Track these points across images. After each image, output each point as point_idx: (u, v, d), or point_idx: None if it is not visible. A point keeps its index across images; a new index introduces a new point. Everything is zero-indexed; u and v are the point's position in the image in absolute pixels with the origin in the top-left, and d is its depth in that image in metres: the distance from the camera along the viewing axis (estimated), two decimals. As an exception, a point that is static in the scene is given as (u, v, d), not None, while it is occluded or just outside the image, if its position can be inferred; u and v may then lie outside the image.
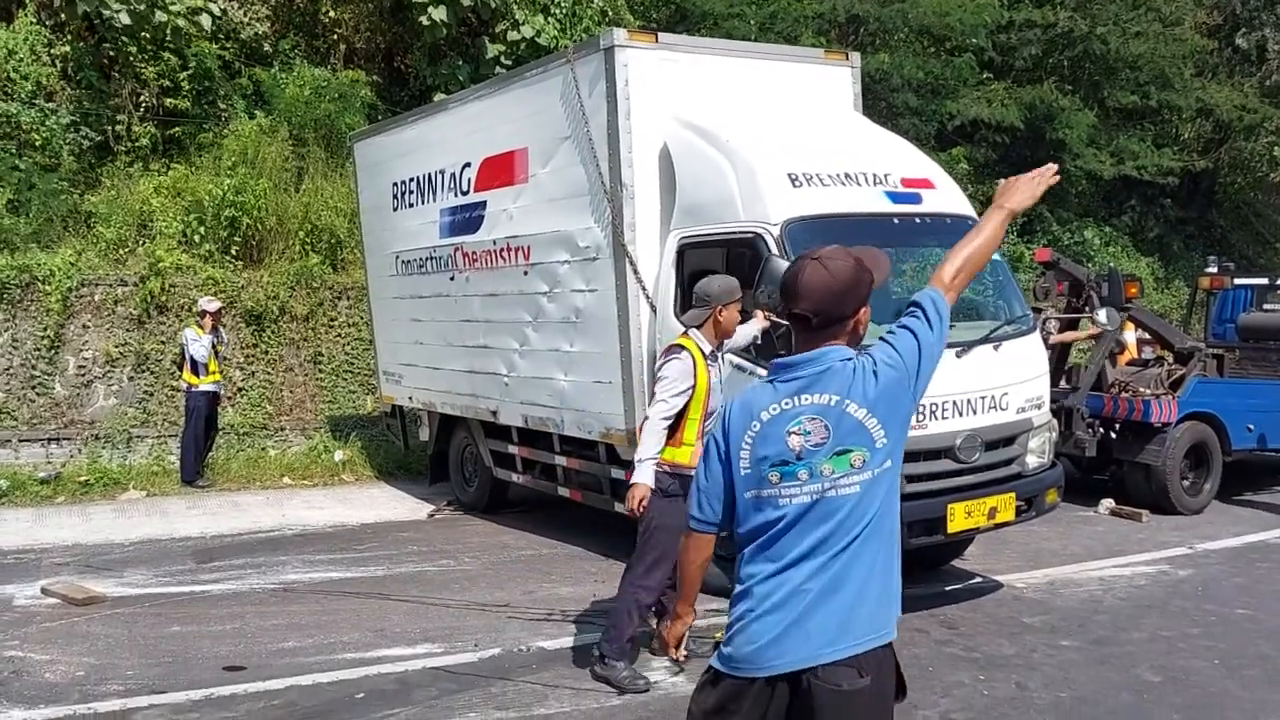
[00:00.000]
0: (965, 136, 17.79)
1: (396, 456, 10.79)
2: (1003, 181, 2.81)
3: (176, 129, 13.05)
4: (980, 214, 7.36)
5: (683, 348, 4.99)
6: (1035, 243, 16.96)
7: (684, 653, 2.89)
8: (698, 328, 5.07)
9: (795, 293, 2.50)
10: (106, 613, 6.21)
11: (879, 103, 15.62)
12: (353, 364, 11.98)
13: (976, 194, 17.44)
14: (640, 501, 4.90)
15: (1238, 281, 11.55)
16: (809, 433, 2.44)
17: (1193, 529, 8.52)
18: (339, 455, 10.67)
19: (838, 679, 2.35)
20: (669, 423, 4.91)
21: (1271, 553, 7.86)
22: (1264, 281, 11.50)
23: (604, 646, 5.01)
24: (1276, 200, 24.76)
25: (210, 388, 10.06)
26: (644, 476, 4.90)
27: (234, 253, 11.85)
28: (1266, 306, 11.18)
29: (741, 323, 5.30)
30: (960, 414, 5.92)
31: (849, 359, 2.48)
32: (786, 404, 2.47)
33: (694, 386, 4.90)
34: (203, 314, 10.16)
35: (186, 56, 12.85)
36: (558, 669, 5.17)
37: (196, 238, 11.66)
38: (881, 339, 2.55)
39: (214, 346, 10.09)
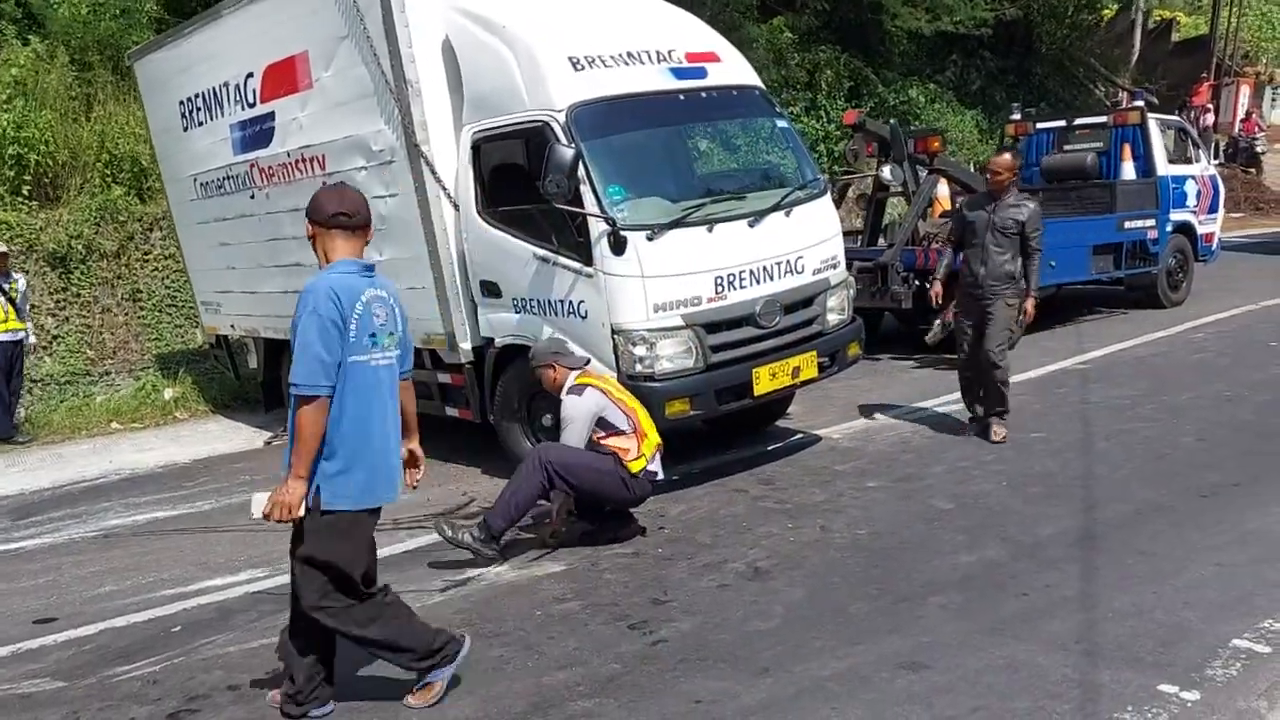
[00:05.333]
0: (786, 4, 17.80)
1: (231, 388, 10.48)
2: None
3: (-61, 63, 11.93)
4: (789, 87, 7.36)
5: None
6: (863, 105, 17.28)
7: None
8: None
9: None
10: (-90, 584, 5.94)
11: (695, -24, 15.39)
12: (175, 297, 11.47)
13: (803, 62, 17.67)
14: None
15: (1040, 126, 12.07)
16: (379, 315, 3.51)
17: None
18: (168, 393, 10.30)
19: None
20: None
21: (1069, 379, 8.47)
22: (1062, 124, 12.02)
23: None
24: (1091, 44, 25.78)
25: (3, 336, 9.29)
26: None
27: (25, 193, 11.06)
28: (1066, 148, 11.73)
29: None
30: (758, 281, 6.09)
31: None
32: None
33: None
34: None
35: (-64, -19, 11.67)
36: (384, 576, 5.20)
37: (-20, 180, 10.83)
38: None
39: (7, 295, 9.28)
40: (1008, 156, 6.72)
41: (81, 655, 4.50)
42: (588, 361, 5.66)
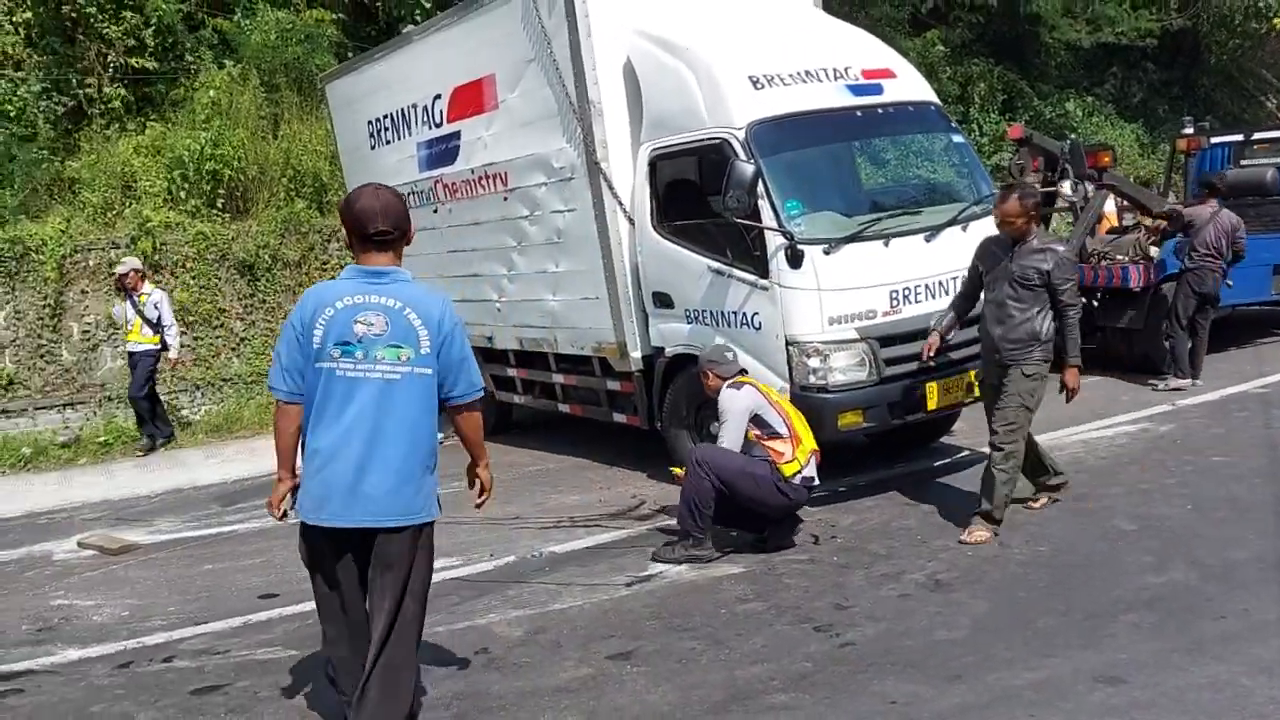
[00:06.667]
0: (939, 18, 17.59)
1: (403, 390, 11.04)
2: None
3: (148, 87, 13.04)
4: (943, 100, 7.40)
5: None
6: (1017, 119, 16.91)
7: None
8: None
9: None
10: (141, 559, 6.58)
11: (848, -9, 15.43)
12: (350, 305, 12.16)
13: (955, 75, 17.43)
14: None
15: (1214, 140, 11.58)
16: (372, 324, 3.24)
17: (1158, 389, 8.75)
18: (346, 395, 10.93)
19: None
20: None
21: (1249, 402, 8.14)
22: (1239, 138, 11.52)
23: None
24: (1262, 54, 24.43)
25: (129, 346, 9.71)
26: None
27: (220, 205, 11.98)
28: (1244, 162, 11.24)
29: None
30: (933, 296, 6.13)
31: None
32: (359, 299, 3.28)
33: None
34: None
35: (147, 12, 12.75)
36: (569, 569, 5.51)
37: (182, 194, 11.77)
38: None
39: (136, 309, 9.57)
40: (1015, 201, 5.39)
41: (305, 628, 4.91)
42: (743, 372, 5.81)
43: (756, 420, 5.44)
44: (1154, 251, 9.26)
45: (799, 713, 3.74)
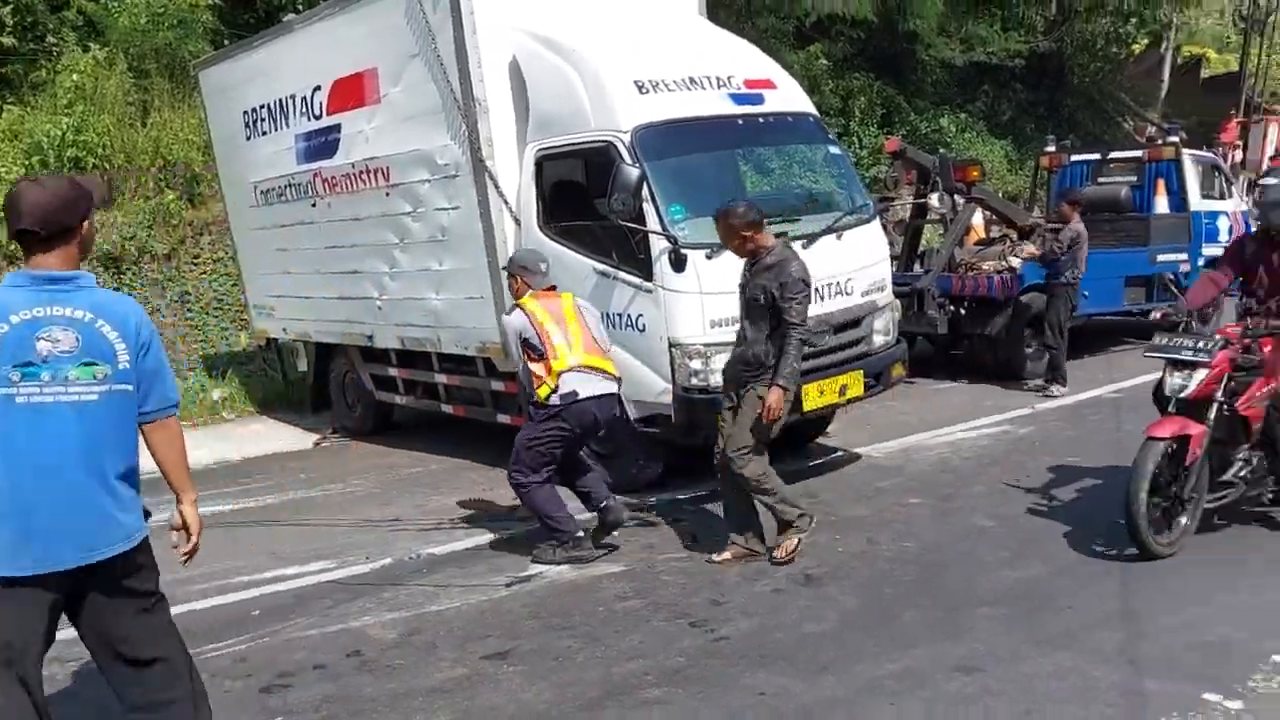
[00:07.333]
0: (822, 32, 18.10)
1: (277, 389, 10.75)
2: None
3: (5, 68, 12.33)
4: (822, 113, 7.62)
5: None
6: (894, 133, 17.54)
7: None
8: None
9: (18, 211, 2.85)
10: None
11: (735, 1, 15.75)
12: (222, 300, 11.78)
13: (837, 89, 17.96)
14: None
15: (1074, 158, 12.27)
16: (58, 340, 2.81)
17: (1035, 392, 9.24)
18: (216, 394, 10.57)
19: None
20: None
21: (1103, 406, 8.64)
22: (1097, 156, 12.22)
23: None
24: (1121, 79, 25.96)
25: None
26: None
27: (83, 194, 11.40)
28: (1100, 180, 11.92)
29: None
30: (809, 301, 6.28)
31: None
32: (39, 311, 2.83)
33: None
34: None
35: (4, -11, 12.08)
36: (448, 571, 5.46)
37: (41, 181, 11.15)
38: None
39: None
40: (722, 223, 5.18)
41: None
42: (552, 288, 5.72)
43: (526, 344, 5.44)
44: (1015, 262, 9.71)
45: (672, 707, 3.80)
